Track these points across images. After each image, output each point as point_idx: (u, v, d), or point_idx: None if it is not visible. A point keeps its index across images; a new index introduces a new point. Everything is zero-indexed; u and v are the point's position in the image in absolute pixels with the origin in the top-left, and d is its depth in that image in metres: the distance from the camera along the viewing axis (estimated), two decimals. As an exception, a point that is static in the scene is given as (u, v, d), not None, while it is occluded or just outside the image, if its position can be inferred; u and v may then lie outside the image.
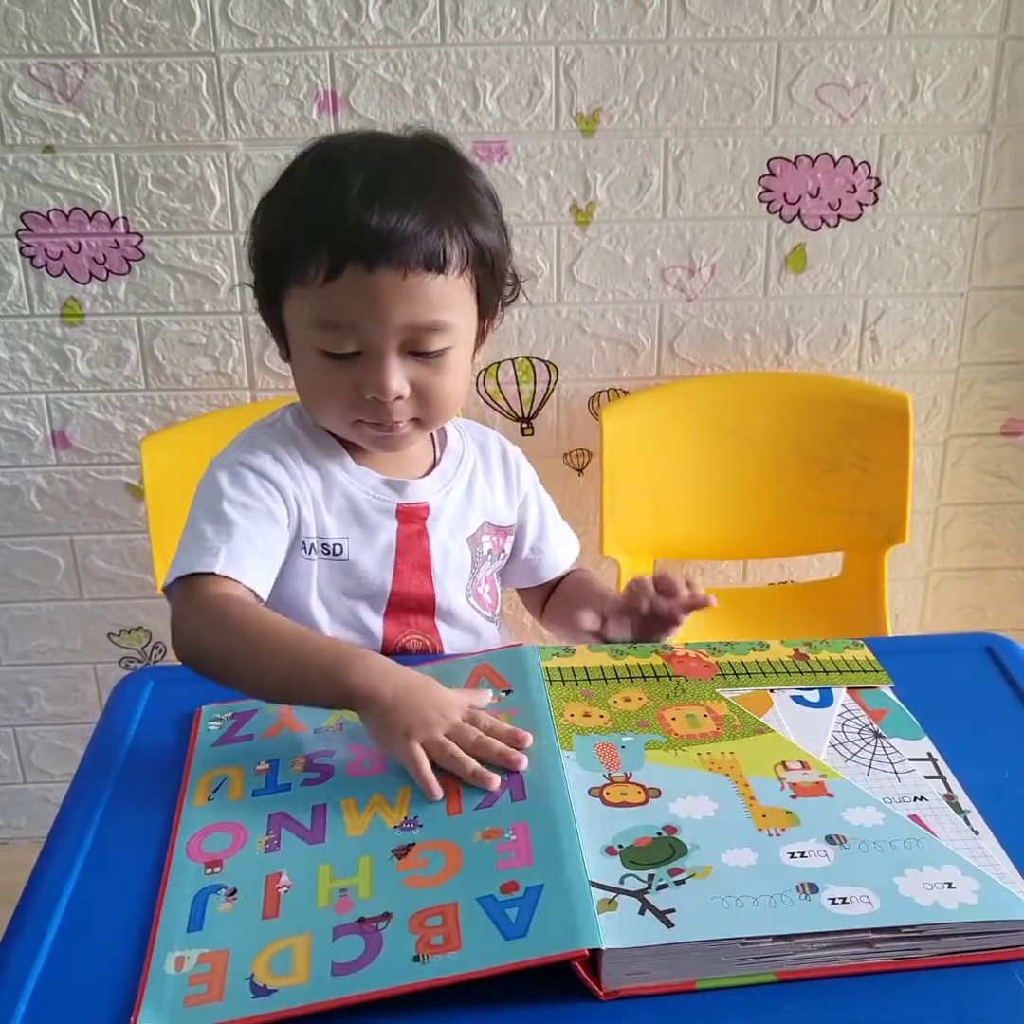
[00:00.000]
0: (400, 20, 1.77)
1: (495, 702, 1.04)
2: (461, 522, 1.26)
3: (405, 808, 0.92)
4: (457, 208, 1.10)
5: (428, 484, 1.24)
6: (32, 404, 1.95)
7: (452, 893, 0.82)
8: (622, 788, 0.92)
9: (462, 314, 1.13)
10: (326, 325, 1.10)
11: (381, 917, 0.81)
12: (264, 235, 1.15)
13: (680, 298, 1.96)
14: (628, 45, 1.81)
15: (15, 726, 2.17)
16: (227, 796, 0.97)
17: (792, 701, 1.04)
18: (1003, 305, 1.99)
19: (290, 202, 1.13)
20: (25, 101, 1.77)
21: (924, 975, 0.77)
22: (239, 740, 1.05)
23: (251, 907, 0.84)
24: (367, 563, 1.21)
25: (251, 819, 0.94)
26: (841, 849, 0.84)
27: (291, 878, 0.87)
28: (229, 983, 0.78)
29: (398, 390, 1.11)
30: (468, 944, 0.77)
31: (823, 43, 1.82)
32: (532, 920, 0.78)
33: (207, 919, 0.84)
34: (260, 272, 1.17)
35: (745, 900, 0.80)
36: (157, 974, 0.79)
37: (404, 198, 1.07)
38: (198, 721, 1.08)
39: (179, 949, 0.81)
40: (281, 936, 0.81)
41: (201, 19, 1.75)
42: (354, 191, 1.07)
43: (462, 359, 1.15)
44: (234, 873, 0.88)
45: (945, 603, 2.22)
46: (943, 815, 0.89)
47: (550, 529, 1.38)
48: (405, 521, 1.22)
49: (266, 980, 0.78)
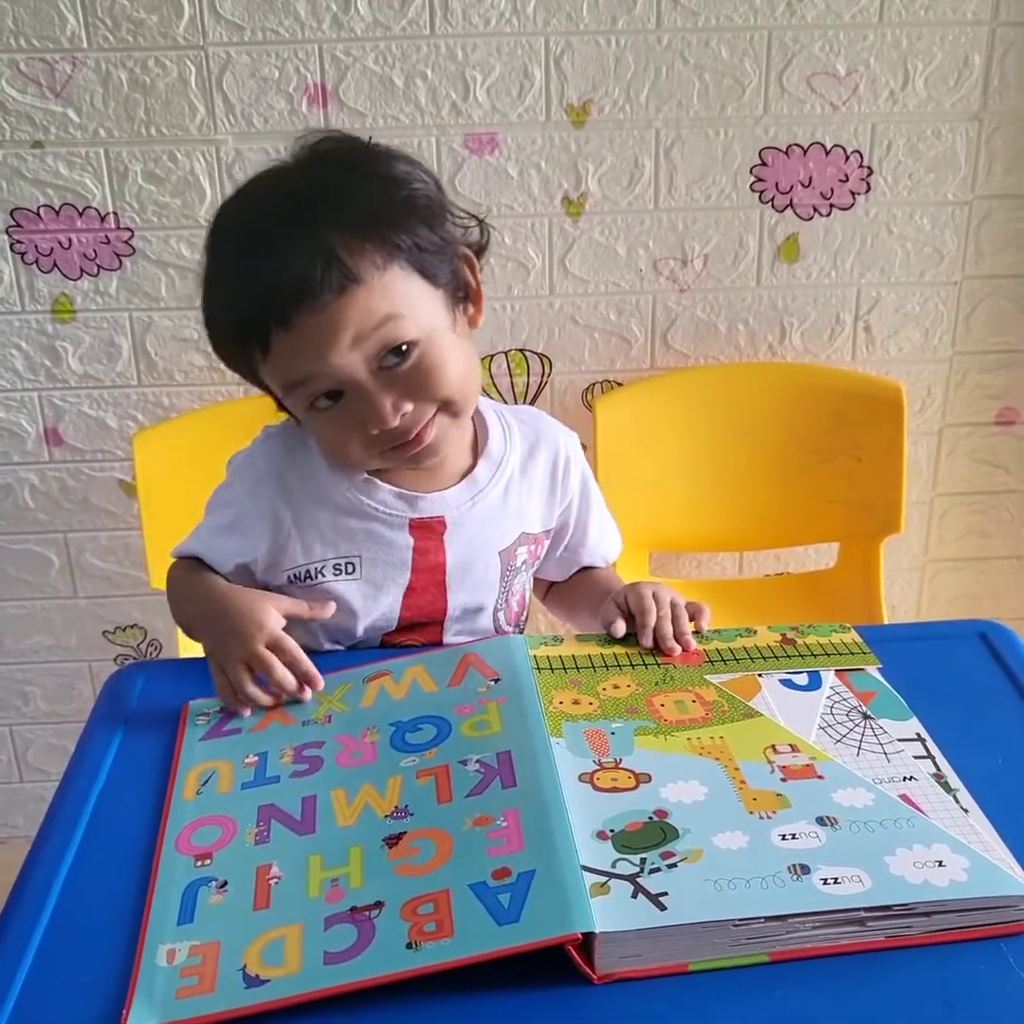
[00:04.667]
0: (389, 12, 1.76)
1: (483, 691, 1.04)
2: (492, 534, 1.23)
3: (396, 797, 0.92)
4: (348, 214, 1.04)
5: (452, 495, 1.20)
6: (24, 401, 1.94)
7: (444, 880, 0.82)
8: (612, 774, 0.92)
9: (413, 297, 1.07)
10: (292, 386, 1.08)
11: (373, 906, 0.81)
12: (209, 334, 1.13)
13: (673, 289, 1.95)
14: (618, 36, 1.80)
15: (11, 725, 2.17)
16: (216, 789, 0.97)
17: (781, 685, 1.05)
18: (996, 293, 1.99)
19: (208, 294, 1.12)
20: (13, 96, 1.76)
21: (916, 952, 0.78)
22: (227, 734, 1.05)
23: (242, 899, 0.85)
24: (381, 580, 1.19)
25: (241, 812, 0.94)
26: (832, 830, 0.85)
27: (281, 869, 0.87)
28: (221, 974, 0.78)
29: (394, 410, 1.07)
30: (461, 930, 0.78)
31: (813, 31, 1.82)
32: (525, 905, 0.79)
33: (198, 912, 0.84)
34: (230, 365, 1.15)
35: (737, 882, 0.80)
36: (148, 967, 0.79)
37: (282, 246, 1.03)
38: (185, 716, 1.08)
39: (170, 942, 0.81)
40: (272, 927, 0.81)
41: (189, 12, 1.74)
42: (237, 267, 1.06)
43: (443, 340, 1.09)
44: (224, 865, 0.88)
45: (941, 593, 2.21)
46: (932, 794, 0.90)
47: (593, 529, 1.34)
48: (421, 536, 1.19)
49: (258, 970, 0.78)
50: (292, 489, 1.18)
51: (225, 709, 1.09)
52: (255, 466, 1.20)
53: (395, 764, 0.96)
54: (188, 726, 1.07)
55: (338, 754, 0.99)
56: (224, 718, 1.07)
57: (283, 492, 1.18)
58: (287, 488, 1.18)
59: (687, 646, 1.12)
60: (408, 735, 1.00)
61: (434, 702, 1.05)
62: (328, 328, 1.03)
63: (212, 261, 1.11)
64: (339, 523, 1.18)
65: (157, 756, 1.04)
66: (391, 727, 1.02)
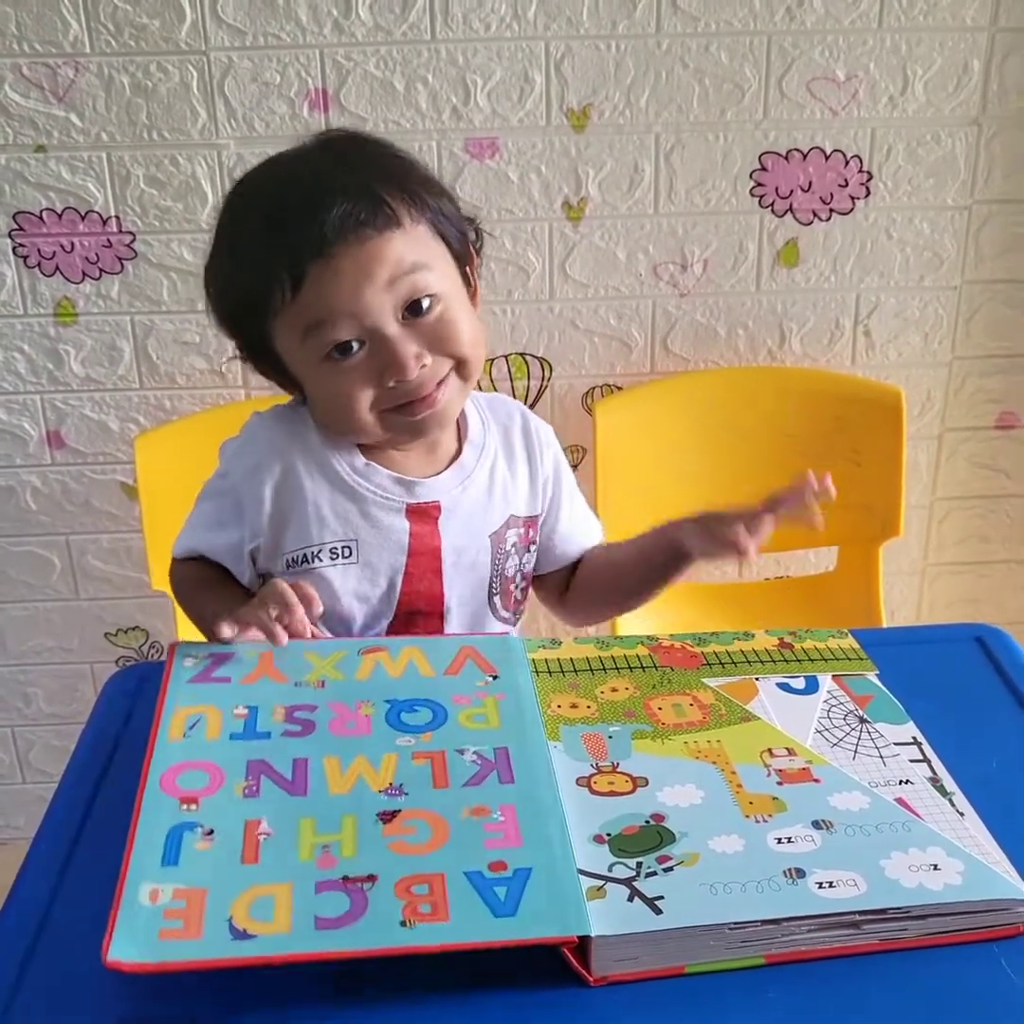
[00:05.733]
0: (390, 17, 1.77)
1: (482, 684, 1.04)
2: (482, 518, 1.23)
3: (390, 775, 0.92)
4: (380, 169, 1.11)
5: (444, 480, 1.21)
6: (26, 404, 1.95)
7: (439, 864, 0.82)
8: (609, 777, 0.92)
9: (437, 256, 1.12)
10: (315, 327, 1.08)
11: (366, 878, 0.81)
12: (222, 298, 1.16)
13: (673, 293, 1.96)
14: (618, 40, 1.81)
15: (13, 726, 2.17)
16: (204, 735, 0.96)
17: (778, 688, 1.04)
18: (996, 298, 1.99)
19: (227, 256, 1.14)
20: (16, 101, 1.77)
21: (910, 955, 0.78)
22: (216, 680, 1.03)
23: (229, 849, 0.84)
24: (378, 564, 1.20)
25: (228, 762, 0.93)
26: (827, 834, 0.85)
27: (271, 826, 0.86)
28: (207, 922, 0.77)
29: (416, 361, 1.09)
30: (456, 916, 0.78)
31: (813, 37, 1.83)
32: (521, 901, 0.79)
33: (183, 855, 0.83)
34: (239, 332, 1.17)
35: (733, 886, 0.80)
36: (130, 903, 0.78)
37: (323, 188, 1.07)
38: (172, 655, 1.07)
39: (153, 881, 0.80)
40: (261, 882, 0.81)
41: (191, 17, 1.75)
42: (273, 211, 1.08)
43: (460, 303, 1.13)
44: (211, 813, 0.87)
45: (941, 597, 2.22)
46: (928, 798, 0.90)
47: (565, 511, 1.32)
48: (417, 521, 1.20)
49: (246, 925, 0.77)
50: (291, 472, 1.18)
51: (215, 654, 1.07)
52: (254, 452, 1.20)
53: (390, 741, 0.95)
54: (175, 666, 1.05)
55: (331, 720, 0.98)
56: (213, 663, 1.05)
57: (282, 475, 1.18)
58: (286, 471, 1.18)
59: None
60: (404, 714, 1.00)
61: (431, 686, 1.04)
62: (367, 262, 1.06)
63: (237, 219, 1.14)
64: (337, 506, 1.18)
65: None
66: (386, 704, 1.01)
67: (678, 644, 1.12)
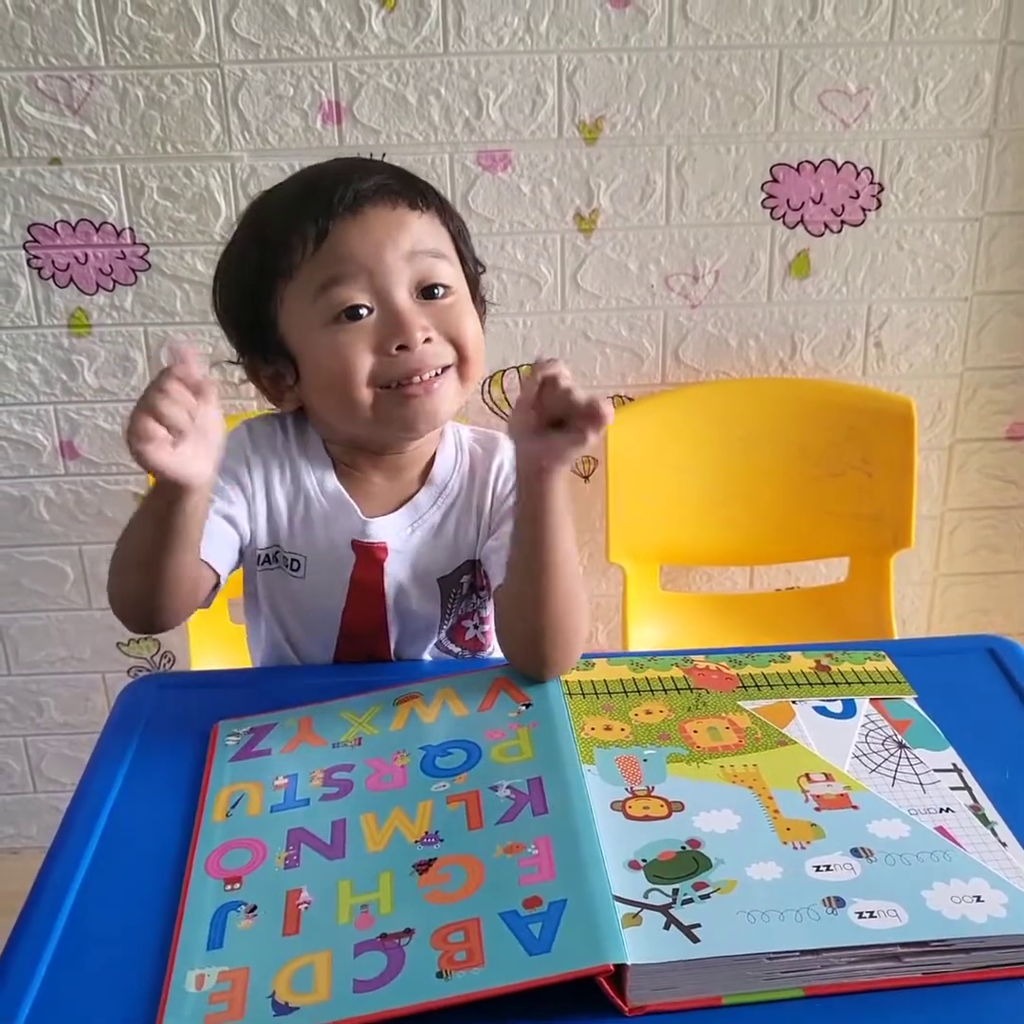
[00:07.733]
0: (403, 30, 1.77)
1: (514, 716, 1.04)
2: (429, 560, 1.21)
3: (426, 823, 0.92)
4: (418, 177, 1.16)
5: (395, 520, 1.19)
6: (40, 415, 1.95)
7: (475, 908, 0.82)
8: (644, 802, 0.92)
9: (455, 261, 1.15)
10: (330, 283, 1.08)
11: (403, 933, 0.81)
12: (235, 269, 1.15)
13: (684, 305, 1.96)
14: (630, 53, 1.81)
15: (25, 735, 2.17)
16: (246, 812, 0.97)
17: (815, 712, 1.04)
18: (1007, 309, 2.00)
19: (247, 229, 1.15)
20: (32, 114, 1.77)
21: (955, 989, 0.77)
22: (257, 755, 1.04)
23: (271, 924, 0.84)
24: (320, 585, 1.20)
25: (270, 835, 0.94)
26: (867, 862, 0.84)
27: (311, 894, 0.87)
28: (250, 1001, 0.78)
29: (422, 332, 1.09)
30: (491, 960, 0.77)
31: (824, 50, 1.83)
32: (556, 935, 0.78)
33: (227, 936, 0.84)
34: (243, 311, 1.16)
35: (771, 914, 0.80)
36: (177, 992, 0.79)
37: (357, 167, 1.13)
38: (216, 736, 1.08)
39: (199, 967, 0.81)
40: (302, 953, 0.81)
41: (205, 31, 1.75)
42: (307, 183, 1.13)
43: (470, 310, 1.15)
44: (254, 890, 0.88)
45: (952, 608, 2.22)
46: (969, 827, 0.89)
47: (504, 528, 1.19)
48: (363, 558, 1.19)
49: (287, 998, 0.78)
50: (267, 467, 1.19)
51: (255, 728, 1.07)
52: (236, 436, 1.20)
53: (426, 789, 0.96)
54: (218, 746, 1.06)
55: (368, 777, 0.99)
56: (254, 739, 1.06)
57: (263, 467, 1.19)
58: (265, 464, 1.19)
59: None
60: (438, 759, 1.00)
61: (464, 726, 1.04)
62: (394, 227, 1.09)
63: (263, 204, 1.16)
64: (295, 517, 1.19)
65: (171, 768, 1.04)
66: (421, 751, 1.01)
67: (713, 665, 1.12)
